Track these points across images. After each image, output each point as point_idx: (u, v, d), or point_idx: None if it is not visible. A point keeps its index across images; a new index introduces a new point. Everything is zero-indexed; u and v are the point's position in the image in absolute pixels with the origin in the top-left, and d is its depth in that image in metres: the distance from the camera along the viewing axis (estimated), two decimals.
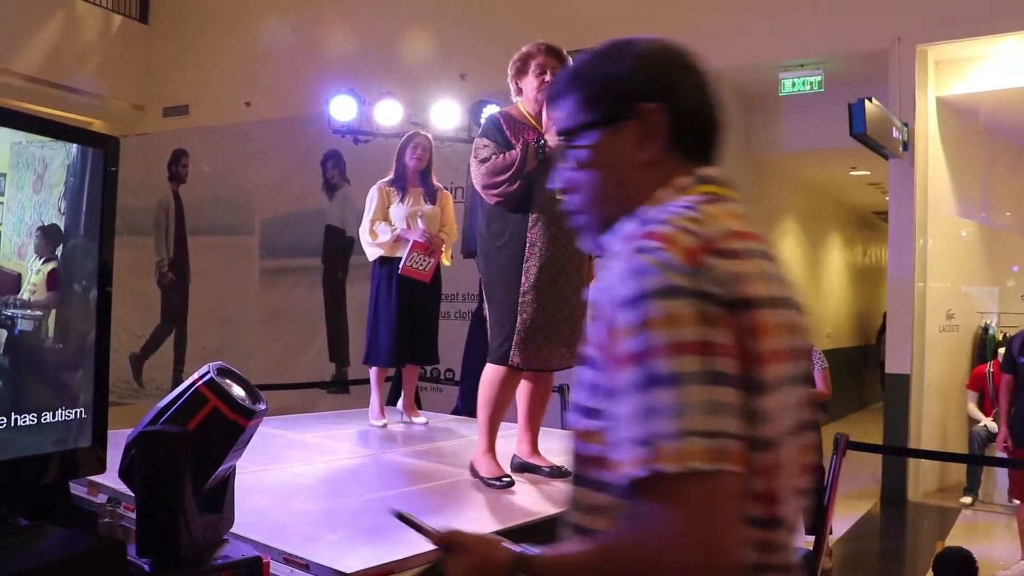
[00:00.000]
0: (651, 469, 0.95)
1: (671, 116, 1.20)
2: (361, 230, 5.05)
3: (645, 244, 1.04)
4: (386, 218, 4.96)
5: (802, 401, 1.14)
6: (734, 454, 0.96)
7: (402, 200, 4.97)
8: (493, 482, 3.33)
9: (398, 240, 4.90)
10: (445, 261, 5.13)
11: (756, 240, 1.13)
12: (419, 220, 4.92)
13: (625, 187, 1.21)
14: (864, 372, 13.37)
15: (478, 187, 3.41)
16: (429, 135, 5.30)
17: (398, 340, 4.93)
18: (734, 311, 1.01)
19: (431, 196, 5.04)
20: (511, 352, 3.31)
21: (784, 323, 1.09)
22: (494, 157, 3.33)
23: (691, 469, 0.94)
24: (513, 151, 3.32)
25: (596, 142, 1.22)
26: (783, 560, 1.10)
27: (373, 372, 5.11)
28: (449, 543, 1.22)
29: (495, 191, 3.33)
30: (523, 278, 3.31)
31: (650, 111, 1.19)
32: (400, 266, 4.86)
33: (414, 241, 4.86)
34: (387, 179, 5.07)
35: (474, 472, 3.44)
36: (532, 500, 3.20)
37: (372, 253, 5.01)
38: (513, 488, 3.30)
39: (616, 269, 1.06)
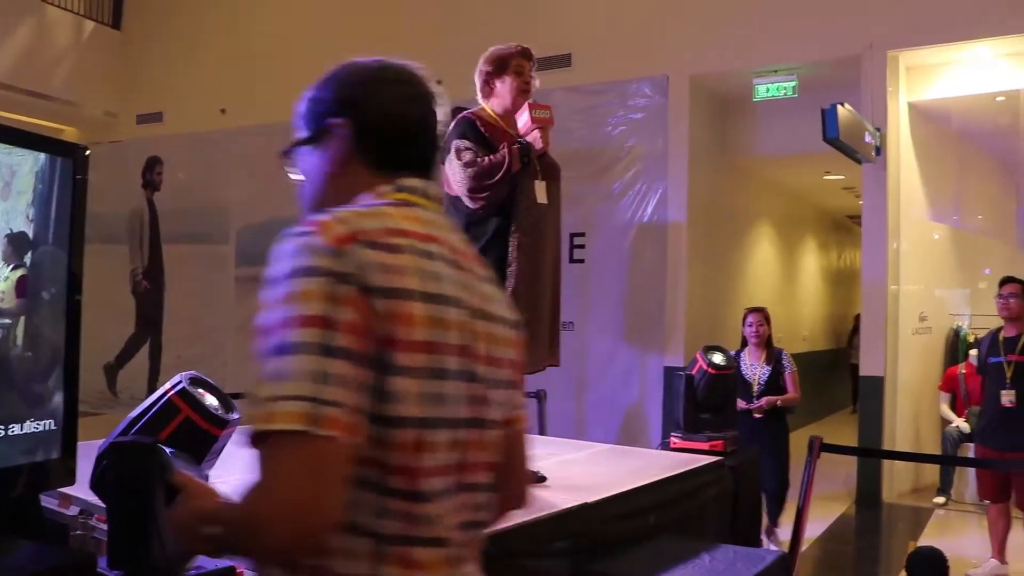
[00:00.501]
0: (257, 428, 1.04)
1: (356, 129, 1.30)
2: None
3: (300, 230, 1.16)
4: None
5: (482, 399, 1.24)
6: (338, 422, 1.04)
7: None
8: None
9: None
10: None
11: (431, 242, 1.23)
12: None
13: (323, 194, 1.33)
14: (839, 374, 13.47)
15: (462, 191, 3.32)
16: None
17: None
18: (369, 295, 1.10)
19: None
20: None
21: (440, 319, 1.17)
22: (479, 160, 3.28)
23: (286, 429, 1.02)
24: (500, 153, 3.28)
25: (303, 156, 1.37)
26: (432, 534, 1.16)
27: None
28: (180, 486, 1.28)
29: (482, 195, 3.27)
30: (507, 281, 3.27)
31: (336, 125, 1.31)
32: None
33: None
34: None
35: None
36: None
37: None
38: None
39: (273, 252, 1.17)
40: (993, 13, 6.79)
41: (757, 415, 5.66)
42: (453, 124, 3.48)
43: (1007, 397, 5.08)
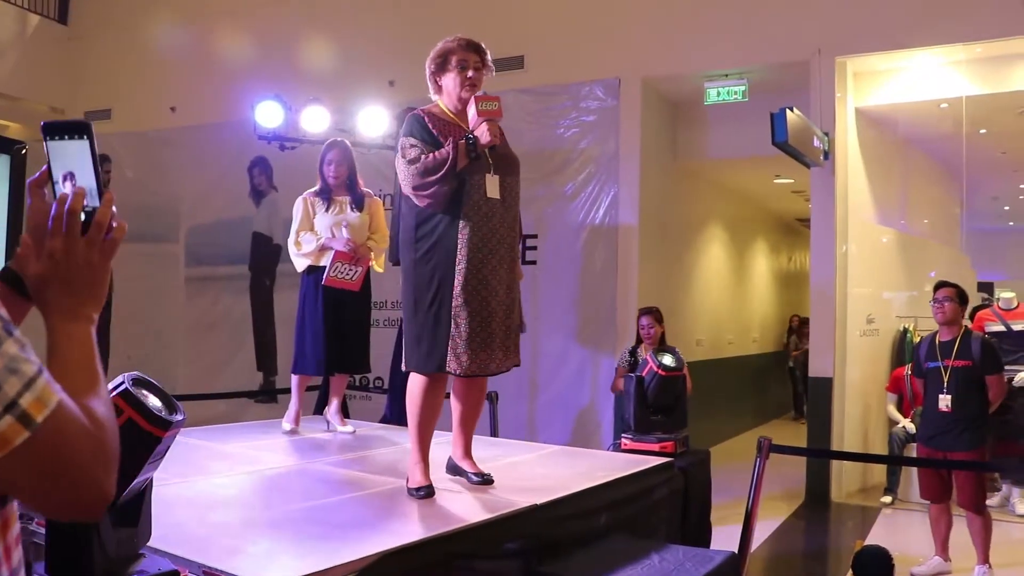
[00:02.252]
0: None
1: None
2: (288, 241, 5.04)
3: None
4: (312, 228, 4.93)
5: None
6: None
7: (327, 209, 4.94)
8: (412, 492, 3.32)
9: (323, 249, 4.88)
10: (377, 267, 5.10)
11: None
12: (343, 229, 4.88)
13: None
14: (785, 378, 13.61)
15: (407, 189, 3.28)
16: (346, 143, 5.21)
17: (326, 349, 4.91)
18: None
19: (358, 204, 5.00)
20: (447, 358, 3.24)
21: None
22: (423, 157, 3.24)
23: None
24: (444, 149, 3.23)
25: None
26: None
27: (294, 379, 5.08)
28: None
29: (426, 192, 3.22)
30: (455, 281, 3.23)
31: None
32: (324, 276, 4.83)
33: (336, 251, 4.83)
34: (313, 189, 5.04)
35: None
36: (455, 509, 3.18)
37: (299, 264, 5.00)
38: (432, 498, 3.28)
39: None
40: (937, 22, 6.93)
41: None
42: (405, 122, 3.45)
43: (944, 401, 5.18)
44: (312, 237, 4.90)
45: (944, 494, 5.25)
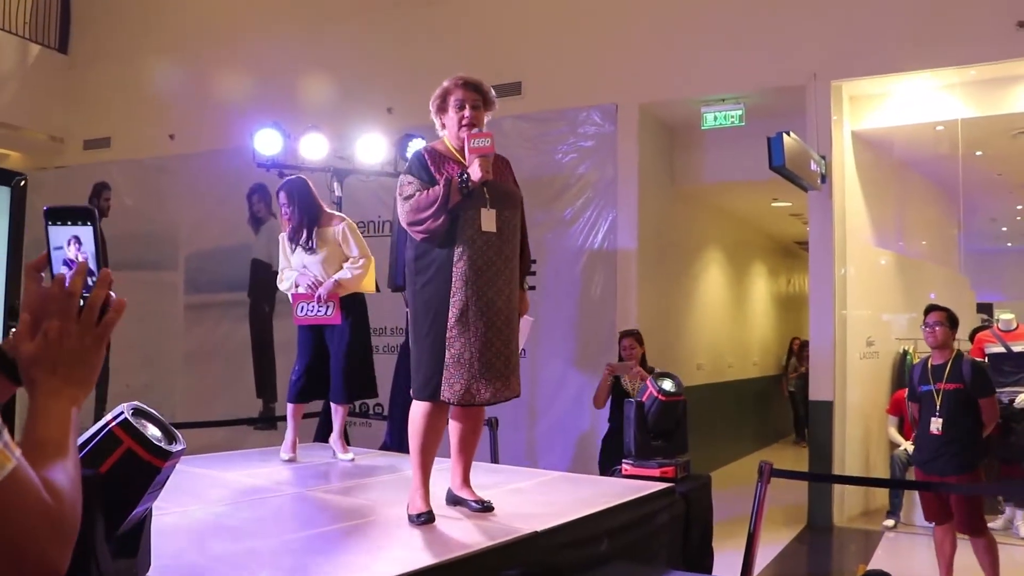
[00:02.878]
0: None
1: None
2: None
3: None
4: (290, 265, 5.03)
5: None
6: None
7: (293, 250, 4.99)
8: (413, 519, 3.32)
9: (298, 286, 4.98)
10: (367, 289, 5.08)
11: None
12: (307, 274, 4.92)
13: None
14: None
15: (404, 224, 3.40)
16: (300, 179, 5.11)
17: (305, 376, 5.02)
18: None
19: (310, 247, 4.92)
20: (441, 387, 3.29)
21: None
22: (418, 194, 3.33)
23: None
24: (436, 187, 3.32)
25: None
26: None
27: (289, 408, 5.10)
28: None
29: (420, 227, 3.33)
30: (449, 312, 3.30)
31: None
32: (293, 317, 4.97)
33: (293, 295, 4.92)
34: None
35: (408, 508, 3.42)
36: (456, 536, 3.17)
37: (290, 296, 5.09)
38: (432, 524, 3.27)
39: None
40: (932, 46, 6.98)
41: None
42: (408, 160, 3.54)
43: (935, 424, 5.17)
44: (290, 275, 5.01)
45: (946, 516, 5.23)
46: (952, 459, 5.10)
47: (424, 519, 3.29)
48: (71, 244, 1.17)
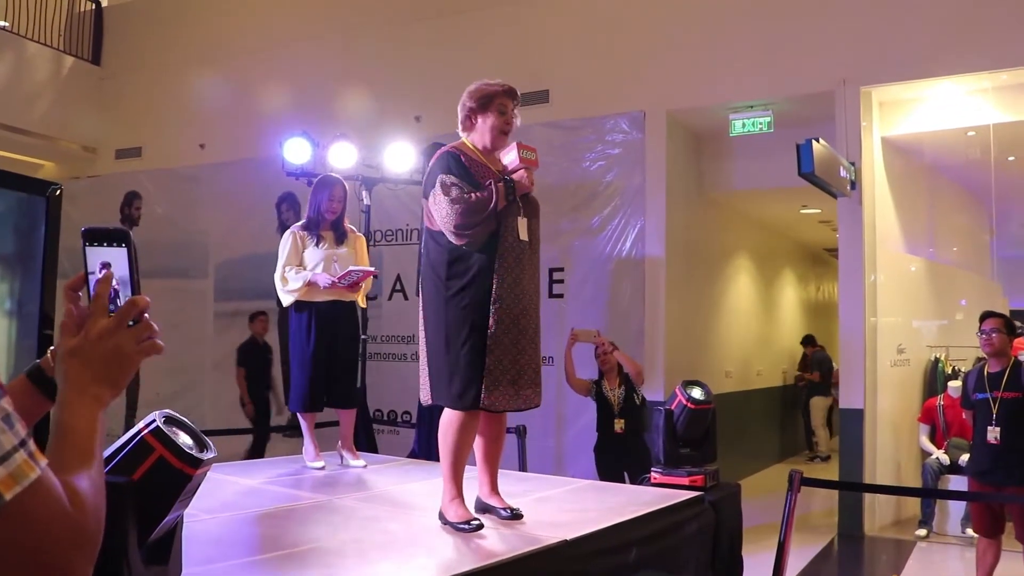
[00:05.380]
0: None
1: None
2: (275, 276, 5.04)
3: None
4: (300, 263, 4.97)
5: None
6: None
7: (317, 244, 4.98)
8: (462, 526, 3.26)
9: (311, 285, 4.89)
10: (360, 303, 5.14)
11: None
12: (334, 266, 4.93)
13: None
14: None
15: (448, 226, 3.27)
16: (343, 181, 5.25)
17: (313, 384, 5.00)
18: None
19: (340, 239, 5.05)
20: (481, 395, 3.24)
21: None
22: (466, 196, 3.25)
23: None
24: (486, 191, 3.27)
25: None
26: None
27: (300, 417, 5.12)
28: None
29: (469, 231, 3.25)
30: (491, 318, 3.25)
31: None
32: (335, 280, 4.86)
33: (333, 280, 4.86)
34: (300, 223, 5.10)
35: (443, 519, 3.37)
36: (485, 544, 3.17)
37: (285, 299, 5.02)
38: (482, 532, 3.25)
39: None
40: (962, 50, 6.92)
41: (619, 431, 6.34)
42: (435, 158, 3.47)
43: (993, 433, 5.08)
44: (299, 272, 4.93)
45: (996, 530, 5.14)
46: (1013, 470, 5.00)
47: (475, 525, 3.24)
48: (103, 271, 1.21)
